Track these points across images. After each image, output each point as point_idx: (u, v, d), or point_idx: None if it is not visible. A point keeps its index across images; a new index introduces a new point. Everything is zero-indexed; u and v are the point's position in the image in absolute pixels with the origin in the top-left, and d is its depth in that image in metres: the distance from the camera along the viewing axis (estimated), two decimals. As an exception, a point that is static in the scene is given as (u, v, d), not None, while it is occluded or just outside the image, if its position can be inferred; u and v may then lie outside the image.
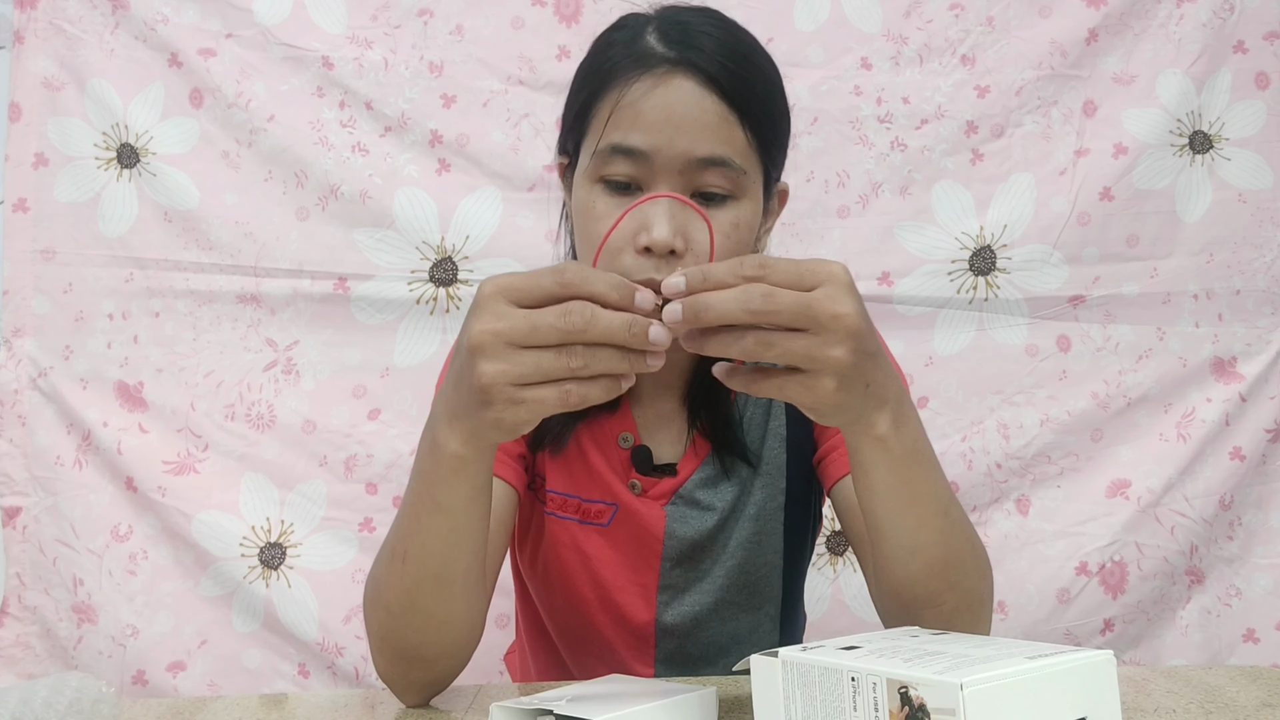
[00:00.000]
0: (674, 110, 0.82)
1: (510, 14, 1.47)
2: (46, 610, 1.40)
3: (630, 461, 0.95)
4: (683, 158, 0.82)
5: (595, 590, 0.96)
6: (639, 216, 0.81)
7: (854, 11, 1.48)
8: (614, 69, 0.86)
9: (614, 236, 0.82)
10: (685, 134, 0.82)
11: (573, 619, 0.98)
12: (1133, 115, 1.47)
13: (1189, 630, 1.47)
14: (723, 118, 0.83)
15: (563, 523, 0.96)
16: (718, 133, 0.83)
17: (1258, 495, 1.48)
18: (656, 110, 0.83)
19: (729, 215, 0.84)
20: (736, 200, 0.84)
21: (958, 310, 1.47)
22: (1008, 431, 1.46)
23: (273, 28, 1.45)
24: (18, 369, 1.42)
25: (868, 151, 1.47)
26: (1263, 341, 1.48)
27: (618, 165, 0.84)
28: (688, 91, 0.83)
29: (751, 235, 0.87)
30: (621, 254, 0.82)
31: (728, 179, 0.83)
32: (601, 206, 0.85)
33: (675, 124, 0.82)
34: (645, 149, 0.82)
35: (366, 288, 1.44)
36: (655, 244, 0.80)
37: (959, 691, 0.52)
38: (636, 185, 0.84)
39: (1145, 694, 0.80)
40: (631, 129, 0.83)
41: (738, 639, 0.98)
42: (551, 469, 0.96)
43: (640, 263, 0.81)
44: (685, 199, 0.73)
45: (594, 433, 0.95)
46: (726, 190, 0.84)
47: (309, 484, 1.43)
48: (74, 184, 1.44)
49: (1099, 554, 1.45)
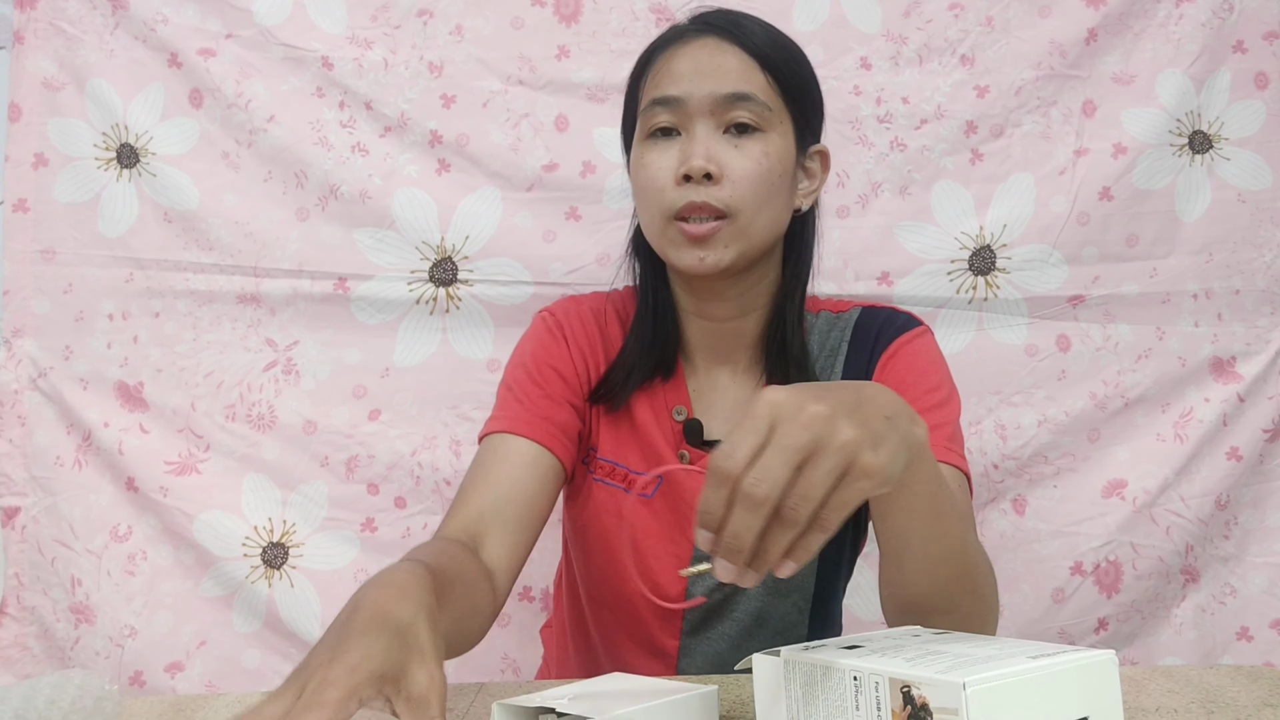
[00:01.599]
0: (700, 60, 0.96)
1: (510, 14, 1.47)
2: (44, 611, 1.40)
3: (682, 434, 1.01)
4: (710, 97, 0.94)
5: (633, 556, 1.01)
6: (679, 154, 0.95)
7: (853, 11, 1.48)
8: (651, 52, 1.01)
9: (657, 174, 0.96)
10: (711, 77, 0.95)
11: (607, 588, 1.04)
12: (1132, 115, 1.47)
13: (1183, 628, 1.47)
14: (742, 61, 0.96)
15: (609, 490, 1.02)
16: (739, 74, 0.95)
17: (1254, 495, 1.49)
18: (685, 63, 0.96)
19: (758, 145, 0.95)
20: (764, 133, 0.95)
21: (957, 310, 1.47)
22: (1005, 432, 1.46)
23: (272, 28, 1.44)
24: (18, 369, 1.42)
25: (867, 151, 1.47)
26: (1262, 341, 1.48)
27: (658, 115, 0.96)
28: (711, 45, 0.96)
29: (784, 169, 0.97)
30: (665, 190, 0.95)
31: (753, 112, 0.95)
32: (650, 155, 0.97)
33: (702, 71, 0.95)
34: (679, 95, 0.95)
35: (366, 288, 1.44)
36: (692, 170, 0.93)
37: (962, 691, 0.52)
38: (676, 130, 0.96)
39: (1146, 694, 0.80)
40: (665, 83, 0.97)
41: (762, 622, 1.01)
42: (605, 436, 1.03)
43: (682, 191, 0.94)
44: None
45: (651, 401, 1.03)
46: (754, 122, 0.95)
47: (310, 484, 1.44)
48: (74, 184, 1.44)
49: (1094, 554, 1.45)
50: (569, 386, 1.02)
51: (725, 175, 0.93)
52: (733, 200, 0.94)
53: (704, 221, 0.94)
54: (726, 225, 0.94)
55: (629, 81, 1.04)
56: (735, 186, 0.93)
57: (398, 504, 1.44)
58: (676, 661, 1.03)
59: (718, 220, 0.94)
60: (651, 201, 0.96)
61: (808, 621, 1.03)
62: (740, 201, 0.94)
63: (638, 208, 1.01)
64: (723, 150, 0.94)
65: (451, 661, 1.47)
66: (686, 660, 1.03)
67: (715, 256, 0.94)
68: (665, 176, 0.95)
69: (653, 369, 1.02)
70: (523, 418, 0.98)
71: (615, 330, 1.06)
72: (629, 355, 1.02)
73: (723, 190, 0.93)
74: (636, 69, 1.02)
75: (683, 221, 0.94)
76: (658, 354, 1.02)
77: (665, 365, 1.02)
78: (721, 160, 0.93)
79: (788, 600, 1.01)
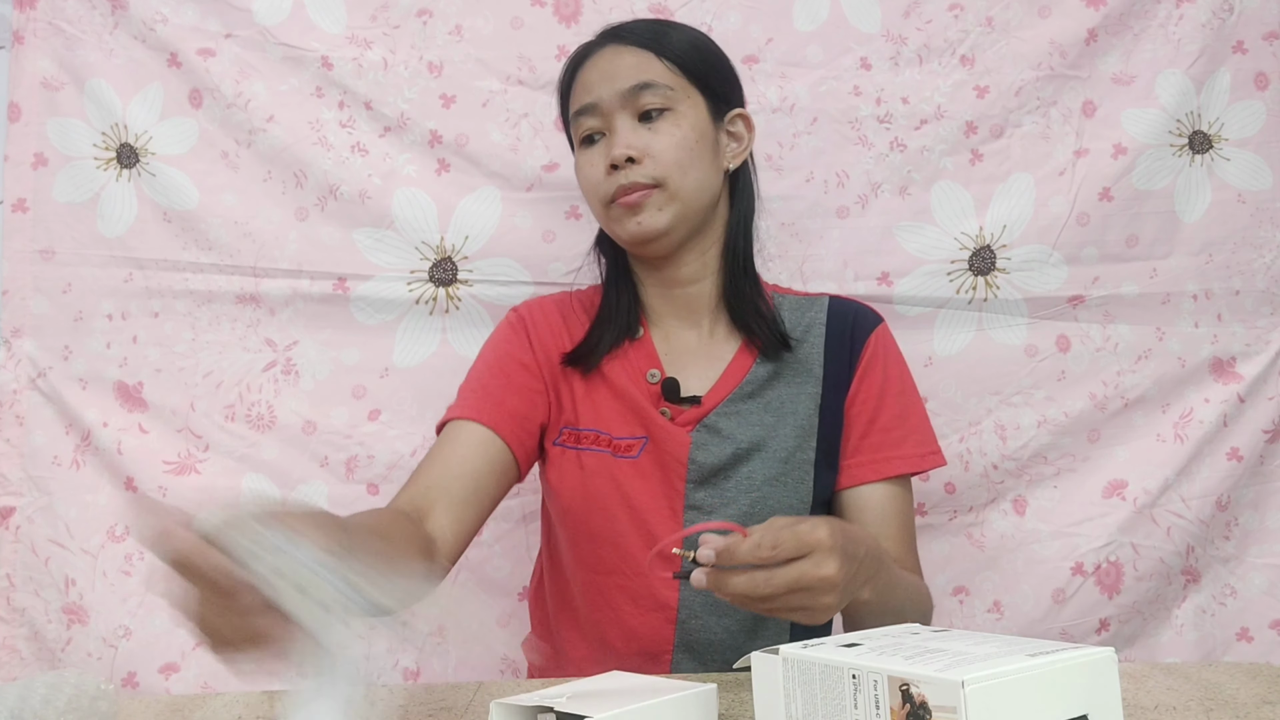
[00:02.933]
0: (603, 67, 1.10)
1: (510, 14, 1.47)
2: (35, 612, 1.40)
3: (660, 393, 1.11)
4: (618, 94, 1.08)
5: (628, 512, 1.08)
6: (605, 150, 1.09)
7: (853, 12, 1.48)
8: (566, 71, 1.16)
9: (591, 172, 1.10)
10: (614, 78, 1.09)
11: (606, 548, 1.09)
12: (1132, 115, 1.47)
13: (1184, 629, 1.47)
14: (639, 55, 1.09)
15: (598, 455, 1.10)
16: (638, 67, 1.09)
17: (1254, 495, 1.48)
18: (593, 72, 1.11)
19: (668, 122, 1.08)
20: (673, 110, 1.09)
21: (957, 310, 1.47)
22: (1005, 432, 1.46)
23: (272, 28, 1.44)
24: (17, 369, 1.42)
25: (867, 152, 1.47)
26: (1261, 342, 1.48)
27: (584, 123, 1.11)
28: (609, 51, 1.11)
29: (700, 135, 1.10)
30: (600, 183, 1.09)
31: (658, 95, 1.08)
32: (583, 158, 1.12)
33: (607, 74, 1.10)
34: (592, 100, 1.10)
35: (366, 288, 1.44)
36: (615, 159, 1.07)
37: (960, 689, 0.52)
38: (600, 133, 1.11)
39: (1145, 691, 0.80)
40: (581, 94, 1.12)
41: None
42: (585, 408, 1.12)
43: (613, 179, 1.08)
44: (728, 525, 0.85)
45: (625, 366, 1.13)
46: (660, 105, 1.08)
47: (310, 485, 1.43)
48: (73, 184, 1.44)
49: (1095, 555, 1.45)
50: (529, 372, 1.13)
51: (646, 154, 1.07)
52: (657, 171, 1.07)
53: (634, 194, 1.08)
54: (657, 192, 1.07)
55: (560, 102, 1.18)
56: (656, 160, 1.07)
57: (397, 504, 1.44)
58: (676, 614, 1.07)
59: (648, 190, 1.07)
60: (591, 194, 1.12)
61: None
62: (664, 170, 1.07)
63: (587, 203, 1.15)
64: (639, 136, 1.08)
65: (452, 661, 1.48)
66: (686, 611, 1.07)
67: (650, 218, 1.08)
68: (598, 171, 1.09)
69: (621, 331, 1.14)
70: (474, 404, 1.10)
71: (579, 315, 1.18)
72: (600, 322, 1.15)
73: (645, 168, 1.07)
74: (561, 89, 1.17)
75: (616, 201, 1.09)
76: (624, 316, 1.14)
77: (631, 327, 1.15)
78: (639, 144, 1.07)
79: None
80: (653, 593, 1.07)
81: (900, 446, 1.11)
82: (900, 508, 1.11)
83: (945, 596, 1.46)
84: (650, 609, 1.07)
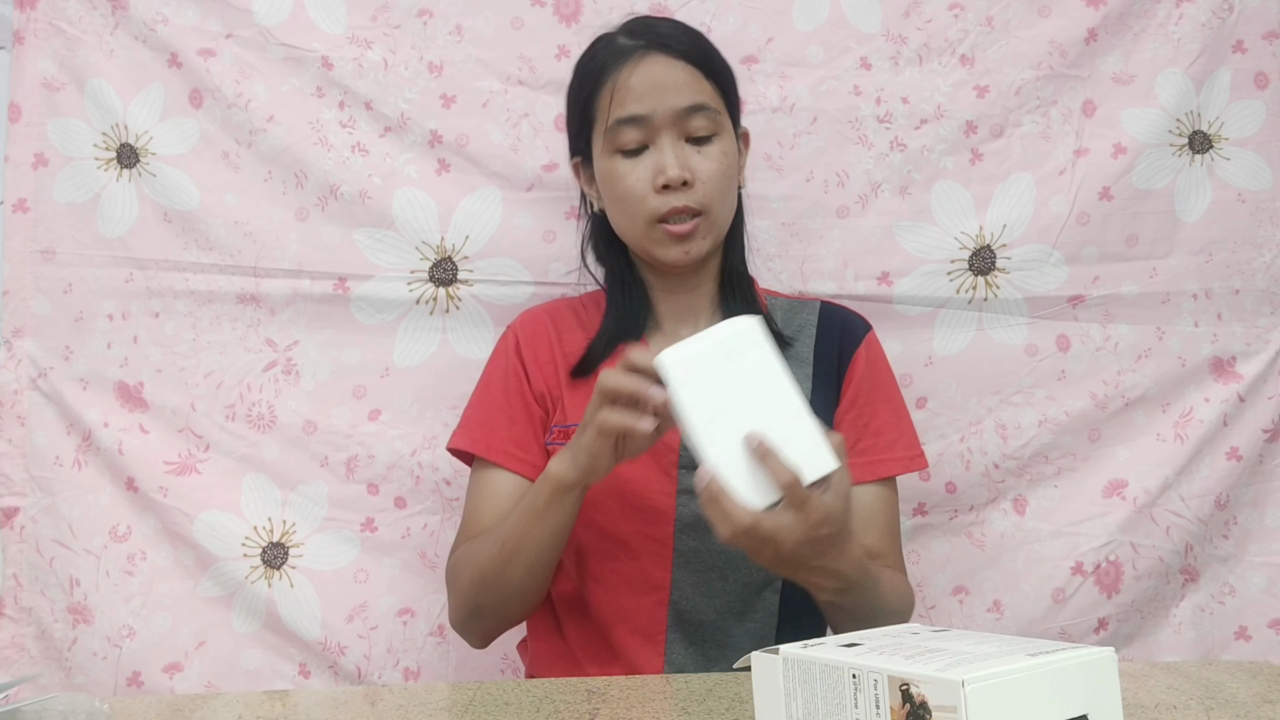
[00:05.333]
0: (656, 79, 1.09)
1: (510, 14, 1.47)
2: (42, 611, 1.40)
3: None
4: (672, 112, 1.09)
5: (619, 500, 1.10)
6: (651, 165, 1.09)
7: (853, 11, 1.48)
8: (602, 68, 1.12)
9: (635, 185, 1.10)
10: (669, 94, 1.09)
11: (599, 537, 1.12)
12: (1132, 115, 1.47)
13: (1182, 628, 1.47)
14: (692, 75, 1.10)
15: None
16: (691, 87, 1.10)
17: (1254, 494, 1.48)
18: (643, 83, 1.09)
19: (716, 147, 1.11)
20: (719, 136, 1.12)
21: (957, 310, 1.47)
22: (1005, 432, 1.46)
23: (272, 28, 1.44)
24: (17, 369, 1.42)
25: (867, 151, 1.47)
26: (1261, 341, 1.48)
27: (626, 134, 1.10)
28: (661, 63, 1.10)
29: (734, 162, 1.14)
30: (646, 198, 1.10)
31: (709, 120, 1.11)
32: (623, 168, 1.11)
33: (660, 88, 1.09)
34: (644, 113, 1.09)
35: (366, 288, 1.44)
36: (671, 180, 1.08)
37: (960, 688, 0.52)
38: (643, 145, 1.10)
39: (1145, 690, 0.80)
40: (629, 103, 1.09)
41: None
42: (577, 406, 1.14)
43: (663, 198, 1.09)
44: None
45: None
46: (710, 130, 1.11)
47: (310, 484, 1.43)
48: (73, 184, 1.44)
49: (1095, 554, 1.45)
50: (534, 403, 1.18)
51: (697, 179, 1.09)
52: (704, 199, 1.10)
53: (684, 221, 1.11)
54: (702, 220, 1.11)
55: (579, 96, 1.17)
56: (705, 187, 1.10)
57: (398, 504, 1.44)
58: (669, 595, 1.10)
59: (695, 218, 1.11)
60: (634, 209, 1.12)
61: None
62: (710, 199, 1.11)
63: (615, 214, 1.16)
64: (690, 157, 1.10)
65: (451, 661, 1.49)
66: (678, 593, 1.10)
67: (697, 248, 1.12)
68: (643, 186, 1.10)
69: (625, 334, 1.18)
70: (501, 449, 1.16)
71: (572, 324, 1.22)
72: (606, 330, 1.18)
73: (696, 193, 1.10)
74: (588, 86, 1.15)
75: (664, 223, 1.11)
76: (634, 321, 1.18)
77: (636, 331, 1.18)
78: (692, 167, 1.09)
79: None
80: (646, 575, 1.11)
81: (891, 449, 1.16)
82: (886, 508, 1.15)
83: (945, 596, 1.46)
84: (644, 591, 1.11)
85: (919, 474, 1.44)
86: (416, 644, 1.42)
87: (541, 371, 1.19)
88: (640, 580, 1.11)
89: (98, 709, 0.69)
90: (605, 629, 1.12)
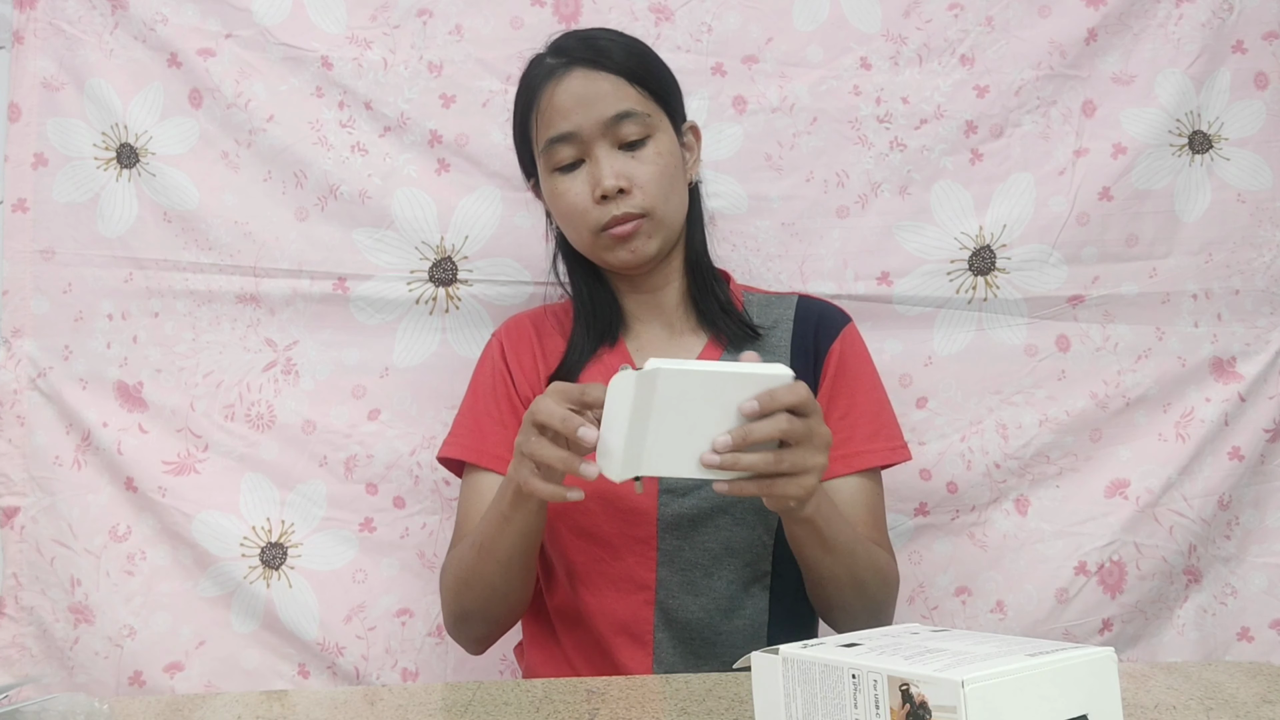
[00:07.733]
0: (578, 94, 1.10)
1: (510, 14, 1.47)
2: (43, 611, 1.40)
3: None
4: (598, 123, 1.10)
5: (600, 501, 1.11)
6: (588, 178, 1.11)
7: (853, 11, 1.48)
8: (530, 90, 1.15)
9: (576, 200, 1.12)
10: (594, 106, 1.10)
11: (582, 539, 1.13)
12: (1132, 115, 1.47)
13: (1185, 629, 1.47)
14: (615, 83, 1.11)
15: None
16: (615, 95, 1.10)
17: (1255, 495, 1.48)
18: (567, 100, 1.11)
19: (650, 149, 1.12)
20: (654, 138, 1.12)
21: (957, 310, 1.47)
22: (1006, 431, 1.46)
23: (272, 28, 1.44)
24: (17, 369, 1.42)
25: (867, 151, 1.47)
26: (1261, 341, 1.48)
27: (560, 152, 1.12)
28: (581, 78, 1.11)
29: (675, 158, 1.14)
30: (588, 211, 1.11)
31: (638, 124, 1.11)
32: (562, 185, 1.13)
33: (584, 102, 1.10)
34: (571, 130, 1.11)
35: (366, 288, 1.44)
36: (607, 190, 1.09)
37: (960, 688, 0.52)
38: (579, 160, 1.12)
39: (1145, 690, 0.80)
40: (556, 121, 1.11)
41: (732, 550, 1.12)
42: None
43: (603, 209, 1.11)
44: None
45: (600, 371, 1.17)
46: (642, 133, 1.11)
47: (309, 484, 1.43)
48: (73, 184, 1.44)
49: (1098, 554, 1.44)
50: (519, 394, 1.20)
51: (634, 184, 1.10)
52: (645, 203, 1.11)
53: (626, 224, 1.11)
54: (646, 221, 1.12)
55: (516, 120, 1.19)
56: (644, 191, 1.11)
57: (396, 504, 1.44)
58: (655, 594, 1.11)
59: (637, 219, 1.11)
60: (578, 223, 1.13)
61: (771, 553, 1.13)
62: (651, 201, 1.11)
63: (564, 229, 1.18)
64: (624, 165, 1.10)
65: (449, 662, 1.48)
66: (664, 592, 1.11)
67: (643, 247, 1.13)
68: (584, 200, 1.11)
69: (599, 339, 1.19)
70: (493, 452, 1.17)
71: (552, 331, 1.24)
72: (578, 336, 1.19)
73: (635, 198, 1.10)
74: (521, 109, 1.17)
75: (608, 230, 1.12)
76: (605, 325, 1.19)
77: (610, 335, 1.19)
78: (627, 174, 1.10)
79: (753, 531, 1.12)
80: (631, 575, 1.12)
81: (873, 441, 1.16)
82: (869, 499, 1.15)
83: (948, 596, 1.46)
84: (630, 591, 1.12)
85: (919, 474, 1.44)
86: (415, 644, 1.42)
87: (525, 376, 1.21)
88: (626, 580, 1.12)
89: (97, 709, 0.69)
90: (596, 632, 1.13)
